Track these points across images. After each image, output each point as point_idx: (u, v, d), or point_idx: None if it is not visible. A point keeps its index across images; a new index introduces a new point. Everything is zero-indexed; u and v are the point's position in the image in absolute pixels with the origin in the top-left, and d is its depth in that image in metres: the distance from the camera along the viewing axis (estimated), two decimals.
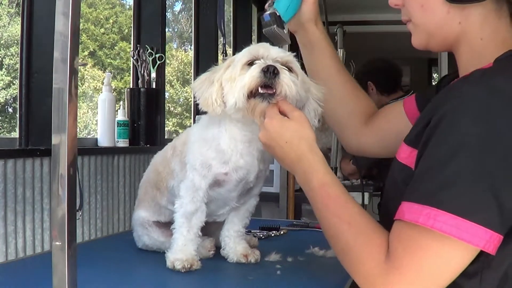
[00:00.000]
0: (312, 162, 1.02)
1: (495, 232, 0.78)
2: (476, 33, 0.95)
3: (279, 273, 1.28)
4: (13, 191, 1.87)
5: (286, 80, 1.11)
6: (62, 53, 0.78)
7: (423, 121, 0.91)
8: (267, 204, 2.97)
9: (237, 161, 1.27)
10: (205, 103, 1.20)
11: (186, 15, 5.11)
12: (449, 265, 0.82)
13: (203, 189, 1.29)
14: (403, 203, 0.85)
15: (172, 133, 4.87)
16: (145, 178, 1.51)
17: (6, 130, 3.67)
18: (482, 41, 0.95)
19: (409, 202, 0.83)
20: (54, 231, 0.78)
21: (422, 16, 0.99)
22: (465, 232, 0.78)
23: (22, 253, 1.90)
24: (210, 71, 1.24)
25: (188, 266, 1.26)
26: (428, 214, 0.80)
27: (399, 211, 0.85)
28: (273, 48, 1.18)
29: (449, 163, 0.80)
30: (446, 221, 0.78)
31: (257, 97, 1.12)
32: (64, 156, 0.78)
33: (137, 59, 2.80)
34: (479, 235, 0.78)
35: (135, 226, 1.49)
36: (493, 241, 0.78)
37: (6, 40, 3.24)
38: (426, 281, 0.82)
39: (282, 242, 1.70)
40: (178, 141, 1.40)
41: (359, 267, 0.90)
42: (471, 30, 0.96)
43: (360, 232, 0.92)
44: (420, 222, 0.80)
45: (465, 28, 0.96)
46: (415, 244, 0.82)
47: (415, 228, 0.81)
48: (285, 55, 1.17)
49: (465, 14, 0.95)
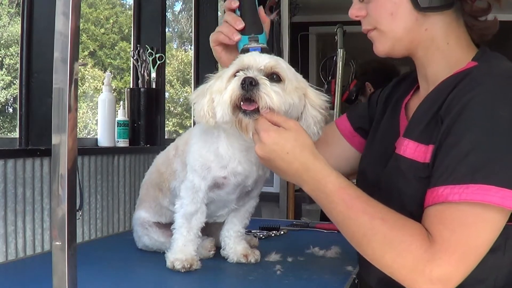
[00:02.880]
0: (321, 168, 1.02)
1: None
2: (442, 38, 1.05)
3: (279, 273, 1.28)
4: (13, 191, 1.87)
5: (266, 90, 1.06)
6: (62, 53, 0.78)
7: (425, 117, 0.98)
8: (267, 204, 2.97)
9: (235, 167, 1.26)
10: (198, 115, 1.19)
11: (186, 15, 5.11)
12: (491, 234, 0.88)
13: (203, 190, 1.29)
14: (439, 187, 0.89)
15: (172, 133, 4.87)
16: (147, 178, 1.51)
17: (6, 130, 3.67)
18: (448, 45, 1.05)
19: (448, 185, 0.88)
20: (54, 231, 0.78)
21: (391, 23, 1.06)
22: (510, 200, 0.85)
23: (22, 253, 1.90)
24: (205, 82, 1.22)
25: (188, 266, 1.26)
26: (476, 190, 0.85)
27: (438, 196, 0.89)
28: (261, 56, 1.14)
29: (485, 143, 0.87)
30: (495, 194, 0.84)
31: (240, 113, 1.09)
32: (64, 156, 0.78)
33: (137, 59, 2.80)
34: None
35: (135, 227, 1.49)
36: None
37: (6, 40, 3.24)
38: (473, 255, 0.87)
39: (282, 242, 1.70)
40: (180, 141, 1.40)
41: (404, 259, 0.91)
42: (438, 36, 1.05)
43: (396, 224, 0.94)
44: (469, 199, 0.85)
45: (432, 34, 1.05)
46: (461, 223, 0.87)
47: (459, 208, 0.87)
48: (270, 61, 1.12)
49: (431, 22, 1.05)
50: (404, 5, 1.04)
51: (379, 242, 0.94)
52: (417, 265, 0.89)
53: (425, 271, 0.88)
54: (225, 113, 1.11)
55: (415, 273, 0.89)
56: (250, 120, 1.09)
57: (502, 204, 0.85)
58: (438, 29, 1.05)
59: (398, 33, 1.07)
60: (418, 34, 1.06)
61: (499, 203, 0.85)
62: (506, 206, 0.86)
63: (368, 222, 0.95)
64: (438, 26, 1.05)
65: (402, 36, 1.07)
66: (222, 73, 1.18)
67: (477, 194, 0.86)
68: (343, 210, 0.98)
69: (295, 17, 3.63)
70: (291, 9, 3.02)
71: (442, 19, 1.05)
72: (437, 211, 0.90)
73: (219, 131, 1.25)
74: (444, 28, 1.05)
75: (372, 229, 0.94)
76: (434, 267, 0.88)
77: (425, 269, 0.88)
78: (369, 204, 0.97)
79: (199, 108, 1.19)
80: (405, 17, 1.05)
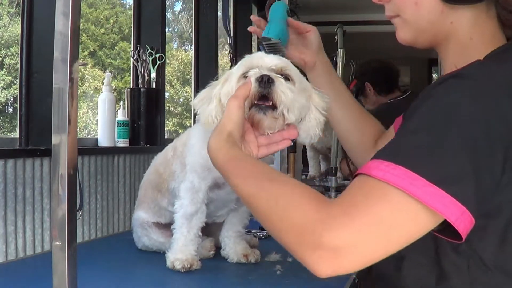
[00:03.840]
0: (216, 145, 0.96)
1: (468, 211, 0.74)
2: (466, 32, 0.97)
3: (279, 273, 1.28)
4: (13, 191, 1.87)
5: (282, 88, 1.06)
6: (62, 53, 0.78)
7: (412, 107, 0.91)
8: None
9: None
10: (206, 121, 1.16)
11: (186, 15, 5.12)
12: (407, 228, 0.75)
13: (203, 191, 1.29)
14: (372, 160, 0.79)
15: (172, 133, 4.87)
16: (146, 179, 1.51)
17: (6, 130, 3.67)
18: (471, 41, 0.97)
19: (379, 160, 0.77)
20: (54, 231, 0.78)
21: (414, 13, 0.99)
22: (439, 202, 0.73)
23: (22, 253, 1.90)
24: (209, 87, 1.21)
25: (188, 266, 1.26)
26: (402, 174, 0.74)
27: (365, 167, 0.78)
28: (268, 56, 1.14)
29: (432, 130, 0.78)
30: (420, 186, 0.73)
31: (253, 108, 1.07)
32: (64, 156, 0.78)
33: (137, 59, 2.80)
34: (452, 208, 0.73)
35: (134, 227, 1.49)
36: (464, 220, 0.74)
37: (6, 40, 3.24)
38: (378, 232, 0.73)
39: None
40: (178, 142, 1.40)
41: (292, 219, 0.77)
42: (462, 30, 0.97)
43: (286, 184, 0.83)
44: (391, 181, 0.74)
45: (456, 28, 0.98)
46: (380, 196, 0.75)
47: (383, 184, 0.75)
48: (280, 62, 1.12)
49: (457, 14, 0.97)
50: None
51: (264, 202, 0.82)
52: (306, 225, 0.74)
53: (315, 232, 0.73)
54: None
55: (302, 236, 0.74)
56: (264, 115, 1.06)
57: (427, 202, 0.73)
58: (464, 23, 0.97)
59: (422, 24, 0.99)
60: (442, 27, 0.98)
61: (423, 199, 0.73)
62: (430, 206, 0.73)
63: (254, 185, 0.85)
64: (465, 20, 0.97)
65: (426, 29, 1.00)
66: (227, 76, 1.17)
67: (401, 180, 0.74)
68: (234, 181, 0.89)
69: (295, 17, 3.63)
70: (291, 9, 3.02)
71: (470, 12, 0.96)
72: (359, 180, 0.78)
73: None
74: (470, 21, 0.97)
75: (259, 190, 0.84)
76: (326, 228, 0.72)
77: (314, 230, 0.73)
78: (257, 169, 0.89)
79: (206, 114, 1.15)
80: (430, 8, 0.97)
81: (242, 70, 1.13)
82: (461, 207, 0.74)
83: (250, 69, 1.11)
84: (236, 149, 0.95)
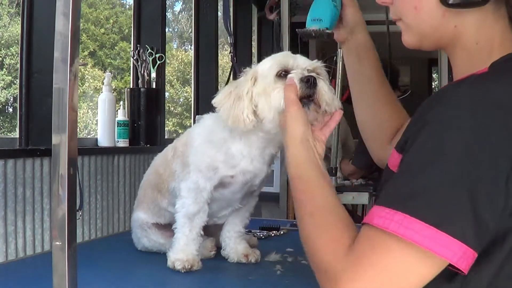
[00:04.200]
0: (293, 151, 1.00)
1: (470, 248, 0.73)
2: (472, 37, 0.91)
3: (279, 273, 1.28)
4: (13, 191, 1.87)
5: (325, 88, 1.13)
6: (62, 53, 0.78)
7: (412, 126, 0.87)
8: (267, 204, 2.97)
9: (247, 166, 1.27)
10: (236, 120, 1.17)
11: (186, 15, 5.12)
12: (415, 274, 0.77)
13: (208, 191, 1.29)
14: (374, 207, 0.81)
15: (172, 133, 4.87)
16: (145, 179, 1.51)
17: (6, 130, 3.67)
18: (477, 45, 0.91)
19: (380, 206, 0.79)
20: (54, 231, 0.78)
21: (415, 18, 0.95)
22: (437, 244, 0.73)
23: (22, 253, 1.90)
24: (232, 85, 1.21)
25: (189, 267, 1.26)
26: (400, 220, 0.75)
27: (369, 215, 0.80)
28: (300, 57, 1.18)
29: (427, 169, 0.76)
30: (418, 230, 0.74)
31: None
32: (64, 156, 0.78)
33: (137, 59, 2.80)
34: (452, 249, 0.73)
35: (134, 228, 1.49)
36: (466, 257, 0.74)
37: (6, 40, 3.24)
38: (387, 284, 0.77)
39: (282, 242, 1.69)
40: (178, 142, 1.39)
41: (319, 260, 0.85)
42: (467, 34, 0.91)
43: (319, 224, 0.89)
44: (390, 229, 0.75)
45: (461, 32, 0.92)
46: (384, 247, 0.77)
47: (384, 233, 0.77)
48: (313, 63, 1.17)
49: (461, 18, 0.90)
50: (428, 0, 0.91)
51: (302, 230, 0.91)
52: (329, 269, 0.82)
53: (335, 278, 0.80)
54: (279, 111, 1.12)
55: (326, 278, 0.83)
56: (308, 110, 1.10)
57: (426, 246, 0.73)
58: (468, 27, 0.91)
59: (424, 29, 0.95)
60: (446, 30, 0.92)
61: (421, 243, 0.73)
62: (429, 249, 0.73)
63: (300, 212, 0.93)
64: (470, 23, 0.90)
65: (428, 33, 0.95)
66: (254, 75, 1.18)
67: (399, 226, 0.75)
68: (294, 195, 0.97)
69: (295, 17, 3.62)
70: (291, 9, 3.02)
71: (475, 15, 0.89)
72: (365, 229, 0.81)
73: (232, 130, 1.25)
74: (476, 25, 0.90)
75: (300, 219, 0.92)
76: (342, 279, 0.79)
77: (336, 276, 0.80)
78: (309, 196, 0.94)
79: (236, 113, 1.17)
80: (431, 12, 0.92)
81: (276, 69, 1.16)
82: (463, 246, 0.73)
83: (285, 69, 1.15)
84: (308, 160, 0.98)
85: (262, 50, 4.55)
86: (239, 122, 1.17)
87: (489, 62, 0.87)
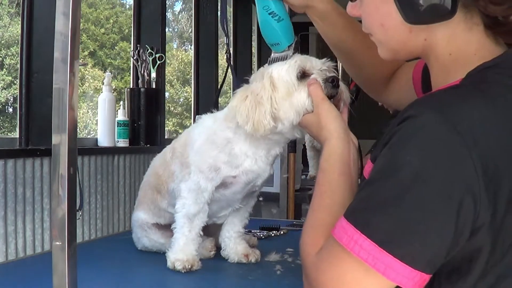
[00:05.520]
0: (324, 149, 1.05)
1: (415, 270, 0.73)
2: (444, 48, 0.88)
3: (279, 273, 1.28)
4: (13, 191, 1.87)
5: (344, 88, 1.18)
6: (62, 53, 0.78)
7: (384, 138, 0.85)
8: (267, 204, 2.97)
9: (250, 166, 1.28)
10: (257, 125, 1.17)
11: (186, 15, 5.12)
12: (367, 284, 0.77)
13: (209, 191, 1.29)
14: (342, 216, 0.82)
15: (172, 133, 4.87)
16: (145, 181, 1.51)
17: (6, 130, 3.68)
18: (451, 56, 0.88)
19: (343, 218, 0.80)
20: (54, 231, 0.78)
21: (383, 35, 0.93)
22: (382, 263, 0.74)
23: (22, 253, 1.90)
24: (247, 90, 1.21)
25: (189, 267, 1.26)
26: (352, 235, 0.76)
27: (337, 222, 0.82)
28: (314, 59, 1.21)
29: (380, 187, 0.77)
30: (365, 247, 0.75)
31: None
32: (64, 156, 0.78)
33: (137, 59, 2.80)
34: (396, 270, 0.73)
35: (134, 228, 1.49)
36: (412, 278, 0.73)
37: (7, 40, 3.25)
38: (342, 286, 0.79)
39: (282, 242, 1.70)
40: (177, 143, 1.39)
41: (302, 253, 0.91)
42: (438, 46, 0.88)
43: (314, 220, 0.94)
44: (342, 242, 0.77)
45: (432, 44, 0.89)
46: (338, 257, 0.79)
47: (340, 245, 0.78)
48: (327, 63, 1.21)
49: (429, 31, 0.88)
50: (393, 17, 0.88)
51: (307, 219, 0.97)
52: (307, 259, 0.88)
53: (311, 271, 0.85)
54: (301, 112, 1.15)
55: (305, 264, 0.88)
56: None
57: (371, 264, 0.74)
58: (440, 39, 0.88)
59: (393, 45, 0.93)
60: (416, 44, 0.90)
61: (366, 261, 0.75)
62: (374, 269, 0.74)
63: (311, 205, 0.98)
64: (440, 35, 0.87)
65: (398, 48, 0.93)
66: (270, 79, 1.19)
67: (350, 240, 0.76)
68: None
69: (295, 17, 3.63)
70: (291, 9, 3.02)
71: (445, 26, 0.86)
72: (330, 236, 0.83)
73: (236, 132, 1.26)
74: (446, 36, 0.87)
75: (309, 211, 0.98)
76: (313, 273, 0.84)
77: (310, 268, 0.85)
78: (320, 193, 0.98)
79: (260, 118, 1.17)
80: (397, 29, 0.89)
81: (296, 71, 1.18)
82: (407, 267, 0.73)
83: (303, 70, 1.18)
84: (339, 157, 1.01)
85: (262, 50, 4.55)
86: (261, 127, 1.17)
87: (465, 72, 0.84)
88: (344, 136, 1.04)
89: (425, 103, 0.81)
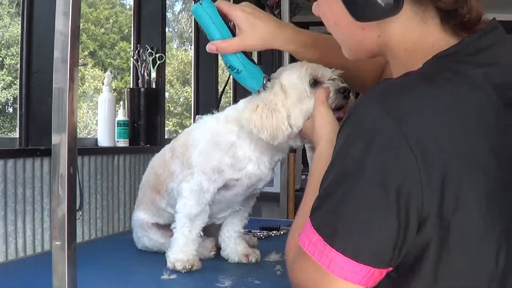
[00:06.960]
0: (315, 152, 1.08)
1: (359, 263, 0.73)
2: (399, 44, 0.86)
3: (279, 273, 1.28)
4: (13, 191, 1.87)
5: (353, 98, 1.18)
6: (62, 53, 0.78)
7: None
8: (267, 204, 2.97)
9: (253, 170, 1.28)
10: (276, 131, 1.16)
11: (186, 15, 5.11)
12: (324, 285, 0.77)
13: (211, 192, 1.29)
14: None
15: (172, 133, 4.86)
16: (144, 180, 1.51)
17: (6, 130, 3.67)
18: (406, 52, 0.86)
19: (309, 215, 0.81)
20: (54, 231, 0.78)
21: (338, 34, 0.94)
22: (327, 258, 0.74)
23: (22, 253, 1.91)
24: (257, 100, 1.18)
25: (189, 267, 1.26)
26: (307, 233, 0.77)
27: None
28: (323, 67, 1.20)
29: (325, 180, 0.78)
30: (314, 242, 0.76)
31: None
32: (64, 156, 0.78)
33: (137, 59, 2.80)
34: (340, 264, 0.73)
35: (134, 228, 1.49)
36: (358, 272, 0.73)
37: (7, 40, 3.24)
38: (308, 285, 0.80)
39: (282, 242, 1.69)
40: (177, 143, 1.39)
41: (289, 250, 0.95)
42: (393, 42, 0.87)
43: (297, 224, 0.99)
44: (300, 242, 0.79)
45: (386, 41, 0.87)
46: (302, 256, 0.79)
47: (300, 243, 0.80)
48: (338, 72, 1.20)
49: (381, 28, 0.86)
50: (343, 16, 0.86)
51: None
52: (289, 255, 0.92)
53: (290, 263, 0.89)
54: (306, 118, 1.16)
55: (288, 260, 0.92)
56: None
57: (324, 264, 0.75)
58: (392, 34, 0.86)
59: (350, 44, 0.94)
60: (371, 41, 0.89)
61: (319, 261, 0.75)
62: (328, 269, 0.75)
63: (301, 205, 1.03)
64: (393, 31, 0.86)
65: (355, 46, 0.93)
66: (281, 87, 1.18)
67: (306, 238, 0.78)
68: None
69: (295, 17, 3.63)
70: (291, 9, 3.02)
71: (396, 22, 0.84)
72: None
73: (240, 135, 1.26)
74: (399, 32, 0.85)
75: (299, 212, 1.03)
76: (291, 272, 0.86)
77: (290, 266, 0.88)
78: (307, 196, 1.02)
79: (278, 125, 1.16)
80: (349, 27, 0.89)
81: (307, 79, 1.18)
82: (358, 264, 0.73)
83: (315, 78, 1.18)
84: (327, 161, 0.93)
85: (262, 50, 4.55)
86: (280, 133, 1.17)
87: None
88: (329, 142, 1.03)
89: (367, 93, 0.80)
